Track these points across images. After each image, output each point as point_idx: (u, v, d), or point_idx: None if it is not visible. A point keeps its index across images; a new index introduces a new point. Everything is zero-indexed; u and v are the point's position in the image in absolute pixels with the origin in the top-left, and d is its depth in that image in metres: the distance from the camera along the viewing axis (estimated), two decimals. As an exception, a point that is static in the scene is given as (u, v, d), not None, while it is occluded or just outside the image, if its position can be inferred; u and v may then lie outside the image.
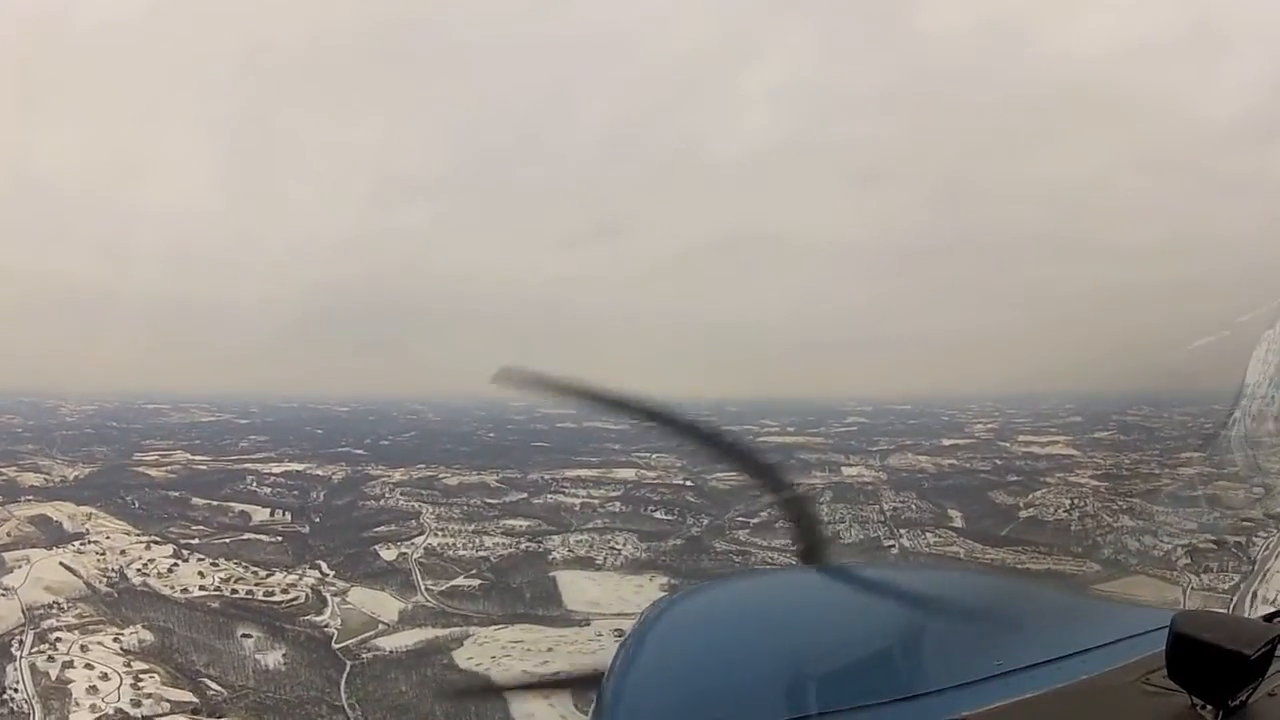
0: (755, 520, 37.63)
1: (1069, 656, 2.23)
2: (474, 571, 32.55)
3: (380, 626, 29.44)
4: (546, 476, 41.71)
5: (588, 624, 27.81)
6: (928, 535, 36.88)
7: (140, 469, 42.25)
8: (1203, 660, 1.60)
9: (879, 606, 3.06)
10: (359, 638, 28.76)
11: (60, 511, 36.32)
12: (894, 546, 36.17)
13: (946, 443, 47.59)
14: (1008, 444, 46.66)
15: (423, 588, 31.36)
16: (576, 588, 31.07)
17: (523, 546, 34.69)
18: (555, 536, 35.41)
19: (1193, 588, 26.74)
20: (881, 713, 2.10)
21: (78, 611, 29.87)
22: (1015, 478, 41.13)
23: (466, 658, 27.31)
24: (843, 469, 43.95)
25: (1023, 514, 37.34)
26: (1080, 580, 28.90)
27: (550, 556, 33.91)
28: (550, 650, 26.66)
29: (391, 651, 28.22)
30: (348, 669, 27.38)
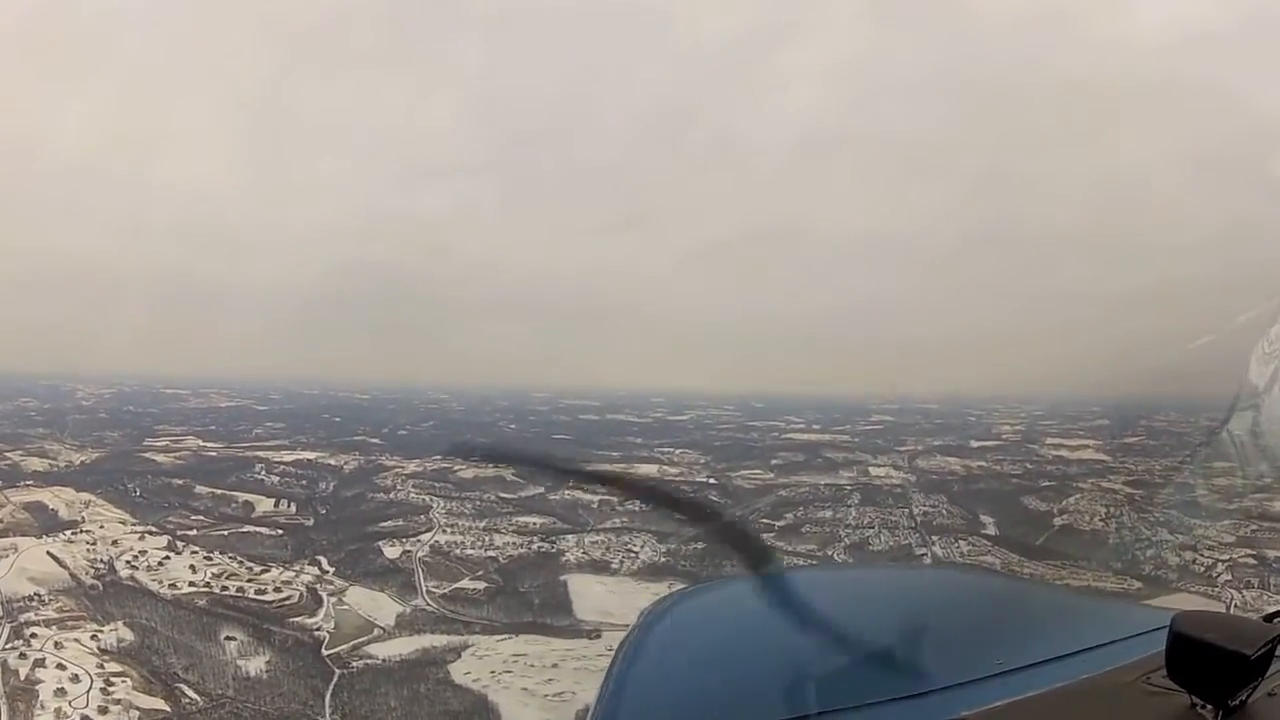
0: (780, 523, 34.71)
1: (1069, 656, 2.18)
2: (480, 573, 29.14)
3: (376, 631, 26.15)
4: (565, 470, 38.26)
5: (598, 636, 24.23)
6: (961, 544, 33.29)
7: (148, 455, 39.41)
8: (1202, 660, 1.55)
9: (879, 606, 2.85)
10: (351, 643, 25.49)
11: (58, 498, 33.61)
12: (926, 555, 32.72)
13: (975, 444, 43.95)
14: (1036, 446, 43.34)
15: (424, 590, 27.96)
16: (589, 594, 27.57)
17: (535, 547, 31.30)
18: (570, 536, 31.93)
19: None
20: (881, 713, 2.04)
21: (58, 605, 27.09)
22: (1048, 483, 37.78)
23: (464, 672, 23.88)
24: (870, 469, 40.58)
25: (1057, 521, 33.93)
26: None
27: (563, 559, 30.49)
28: (555, 666, 23.17)
29: (384, 660, 24.91)
30: (335, 679, 24.11)
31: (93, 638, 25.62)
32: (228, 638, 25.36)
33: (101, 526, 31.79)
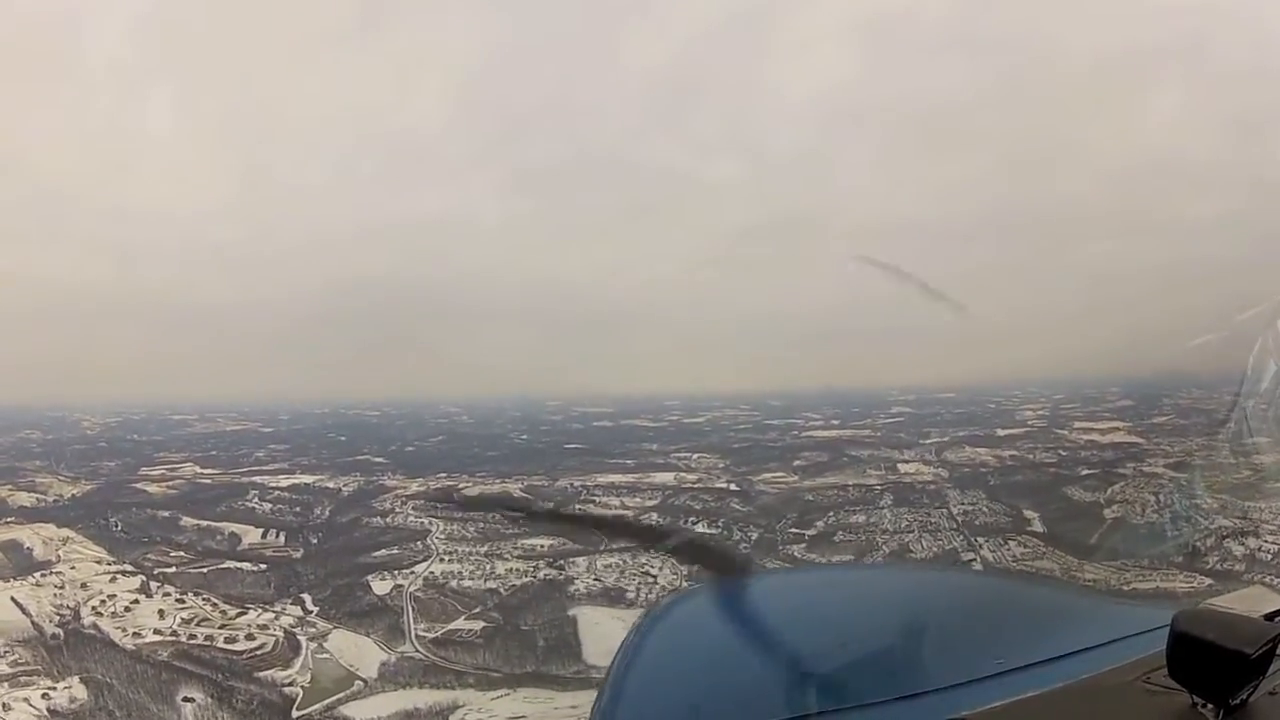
0: (811, 532, 29.95)
1: (1069, 656, 2.07)
2: (478, 610, 24.20)
3: (356, 685, 21.37)
4: (576, 484, 34.10)
5: (611, 687, 19.23)
6: (1011, 545, 28.45)
7: (140, 485, 35.13)
8: (1203, 659, 1.51)
9: (879, 606, 2.74)
10: (326, 702, 20.70)
11: (37, 535, 29.53)
12: (975, 560, 27.98)
13: (1002, 432, 40.01)
14: (1065, 432, 39.57)
15: (413, 634, 23.09)
16: (600, 632, 22.46)
17: (541, 574, 26.34)
18: (580, 559, 26.91)
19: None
20: (881, 712, 1.96)
21: (14, 658, 23.10)
22: (1088, 470, 33.35)
23: (450, 742, 18.97)
24: (899, 466, 36.00)
25: (1108, 514, 29.39)
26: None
27: (571, 587, 25.46)
28: (559, 729, 18.26)
29: (362, 726, 20.00)
30: (302, 750, 19.25)
31: (44, 696, 21.50)
32: (186, 699, 20.72)
33: (74, 567, 27.61)
